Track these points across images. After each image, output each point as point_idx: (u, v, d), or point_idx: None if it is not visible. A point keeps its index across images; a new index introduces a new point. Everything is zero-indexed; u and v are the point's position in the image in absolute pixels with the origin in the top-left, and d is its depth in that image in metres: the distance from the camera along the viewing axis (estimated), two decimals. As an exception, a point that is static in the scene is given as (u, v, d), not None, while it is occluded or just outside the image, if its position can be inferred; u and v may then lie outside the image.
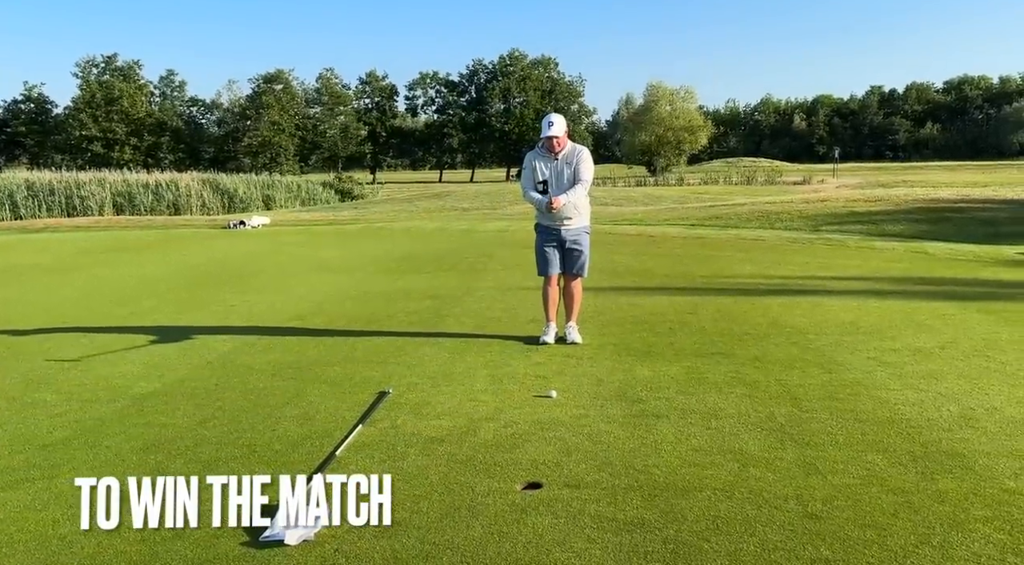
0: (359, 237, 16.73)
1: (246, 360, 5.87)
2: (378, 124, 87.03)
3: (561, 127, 5.87)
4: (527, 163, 6.16)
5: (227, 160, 72.24)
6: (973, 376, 4.93)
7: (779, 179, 56.35)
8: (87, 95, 73.03)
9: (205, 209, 35.85)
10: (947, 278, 9.38)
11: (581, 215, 6.16)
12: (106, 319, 7.75)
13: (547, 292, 6.29)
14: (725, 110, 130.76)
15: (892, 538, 2.83)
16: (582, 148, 6.10)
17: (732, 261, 10.67)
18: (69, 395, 4.98)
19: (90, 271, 11.86)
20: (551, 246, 6.19)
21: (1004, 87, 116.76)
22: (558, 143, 5.90)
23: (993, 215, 16.20)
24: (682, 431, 4.06)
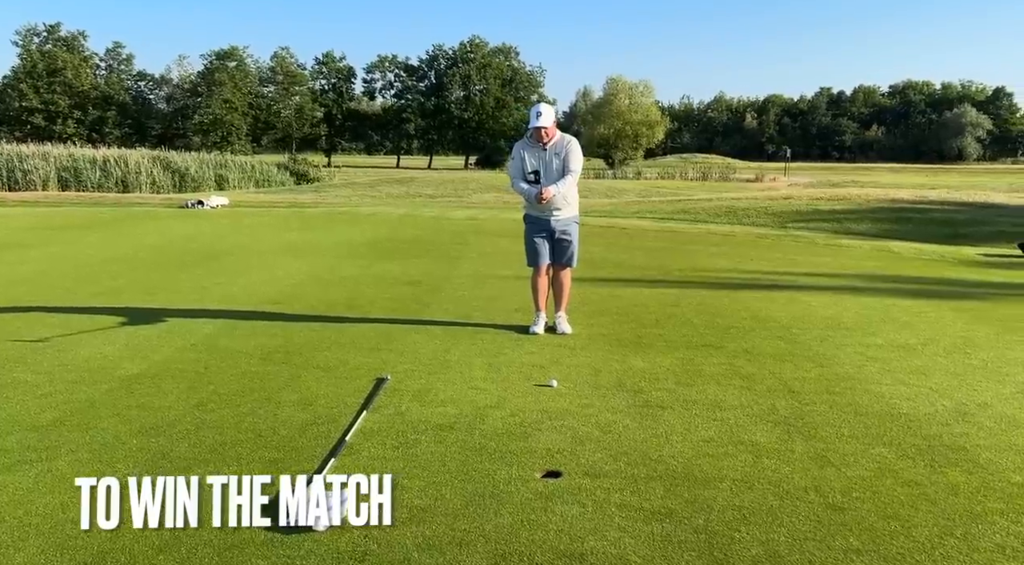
0: (324, 221, 16.46)
1: (231, 343, 5.71)
2: (335, 106, 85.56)
3: (550, 117, 5.84)
4: (516, 153, 6.10)
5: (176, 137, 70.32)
6: (958, 372, 5.09)
7: (733, 176, 57.41)
8: (28, 65, 70.29)
9: (156, 187, 34.81)
10: (917, 277, 9.67)
11: (570, 205, 6.15)
12: (71, 299, 7.46)
13: (536, 282, 6.26)
14: (680, 106, 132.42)
15: (916, 529, 2.90)
16: (571, 138, 6.05)
17: (706, 255, 10.81)
18: (51, 376, 4.78)
19: (45, 249, 11.41)
20: (540, 236, 6.15)
21: (946, 93, 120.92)
22: (547, 133, 5.85)
23: (951, 216, 16.77)
24: (689, 422, 4.10)
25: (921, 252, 12.05)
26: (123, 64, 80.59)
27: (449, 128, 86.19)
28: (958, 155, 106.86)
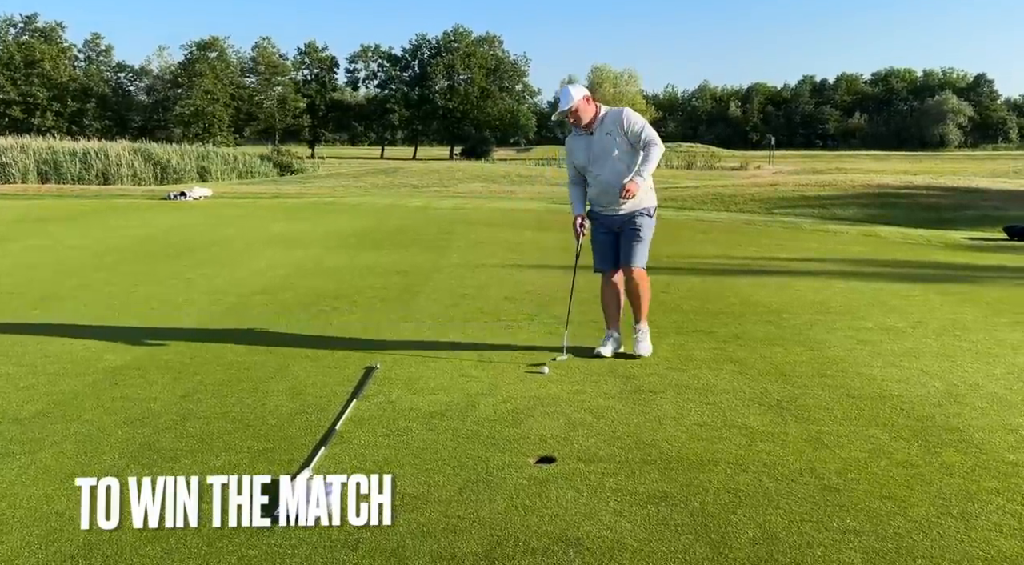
0: (309, 212, 16.32)
1: (217, 334, 5.63)
2: (318, 96, 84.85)
3: (577, 94, 4.79)
4: (567, 148, 5.15)
5: (156, 129, 69.62)
6: (948, 354, 5.10)
7: (717, 164, 57.60)
8: (4, 56, 69.24)
9: (136, 180, 34.48)
10: (903, 261, 9.71)
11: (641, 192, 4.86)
12: (54, 291, 7.35)
13: (602, 294, 5.26)
14: (664, 95, 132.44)
15: (912, 509, 2.88)
16: (622, 109, 4.88)
17: (694, 242, 10.80)
18: (33, 368, 4.68)
19: (26, 242, 11.23)
20: (605, 235, 5.11)
21: (928, 80, 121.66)
22: (580, 116, 4.82)
23: (936, 201, 16.87)
24: (682, 407, 4.07)
25: (907, 237, 12.11)
26: (102, 55, 79.66)
27: (434, 118, 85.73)
28: (940, 142, 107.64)
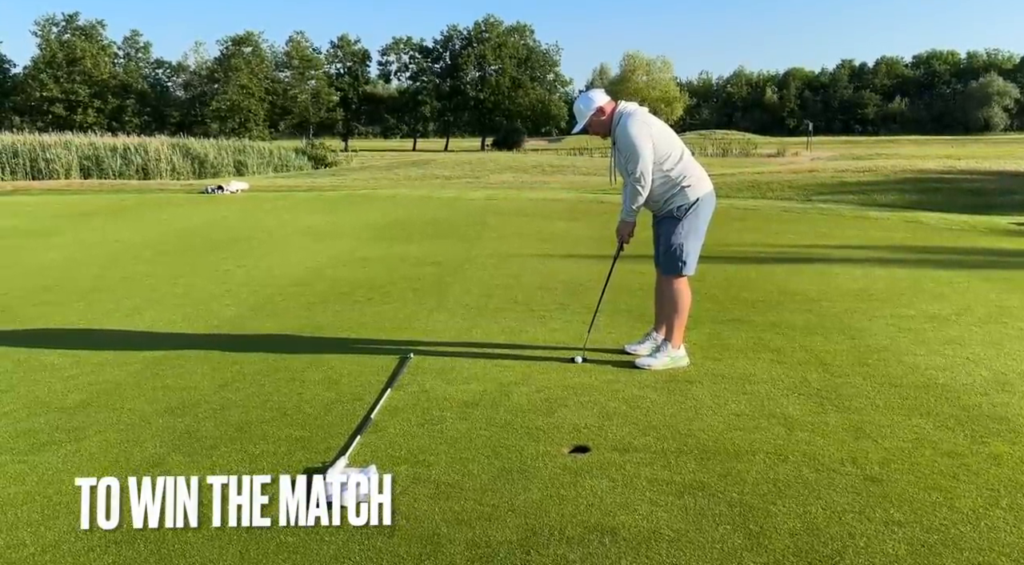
0: (343, 204, 16.43)
1: (255, 325, 5.71)
2: (350, 90, 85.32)
3: (587, 106, 4.40)
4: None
5: (194, 124, 70.53)
6: (995, 342, 4.96)
7: (753, 151, 56.58)
8: (47, 55, 70.55)
9: (175, 174, 34.99)
10: (946, 247, 9.45)
11: (661, 197, 4.45)
12: (99, 282, 7.50)
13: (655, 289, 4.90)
14: (698, 82, 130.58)
15: (959, 500, 2.81)
16: (620, 123, 4.35)
17: (731, 230, 10.63)
18: (77, 358, 4.79)
19: (72, 235, 11.48)
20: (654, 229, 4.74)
21: (972, 63, 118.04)
22: (596, 131, 4.48)
23: (981, 186, 16.39)
24: (718, 396, 4.02)
25: (950, 222, 11.78)
26: (140, 52, 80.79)
27: (465, 109, 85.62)
28: (984, 125, 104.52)
